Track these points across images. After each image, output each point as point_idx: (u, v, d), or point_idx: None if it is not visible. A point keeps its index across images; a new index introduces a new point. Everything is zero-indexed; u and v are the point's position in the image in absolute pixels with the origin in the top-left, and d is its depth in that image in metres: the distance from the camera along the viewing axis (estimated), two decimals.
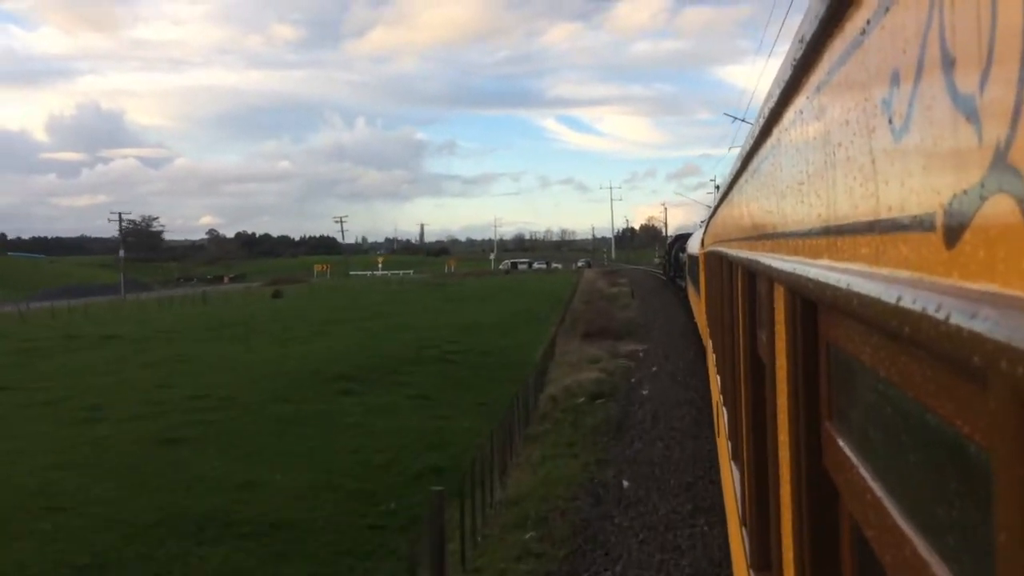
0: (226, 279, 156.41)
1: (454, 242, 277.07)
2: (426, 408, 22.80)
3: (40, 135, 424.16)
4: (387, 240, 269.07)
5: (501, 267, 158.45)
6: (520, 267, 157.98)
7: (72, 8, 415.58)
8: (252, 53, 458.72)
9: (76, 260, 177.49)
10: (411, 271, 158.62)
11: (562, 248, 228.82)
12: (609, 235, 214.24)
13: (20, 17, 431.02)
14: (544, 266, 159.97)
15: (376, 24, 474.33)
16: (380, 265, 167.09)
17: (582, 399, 21.19)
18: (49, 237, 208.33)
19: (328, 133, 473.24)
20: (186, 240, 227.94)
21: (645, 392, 22.26)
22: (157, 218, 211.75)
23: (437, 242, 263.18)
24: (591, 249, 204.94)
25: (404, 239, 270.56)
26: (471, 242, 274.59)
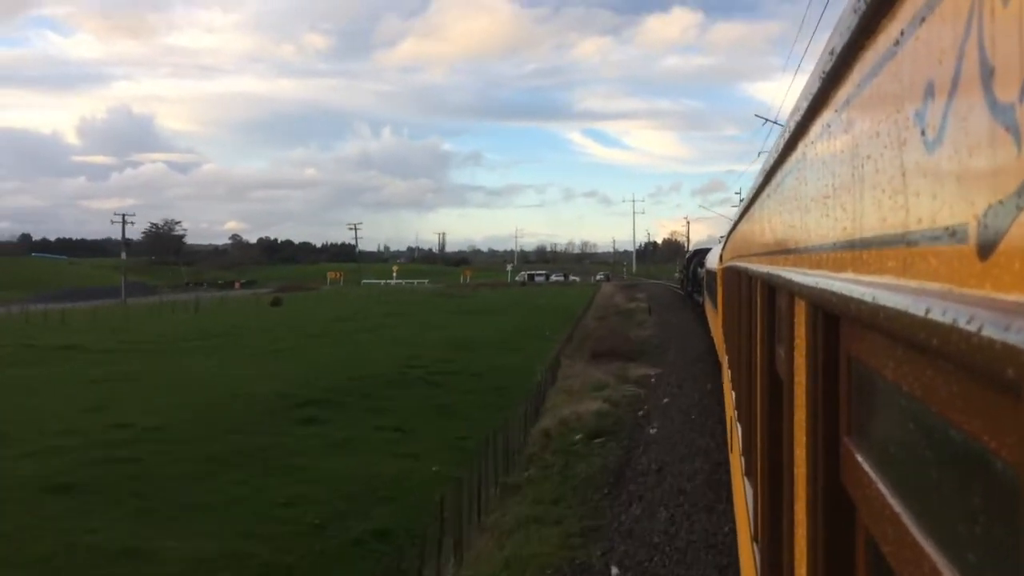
0: (237, 284, 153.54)
1: (475, 252, 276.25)
2: (395, 443, 19.72)
3: (72, 138, 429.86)
4: (408, 249, 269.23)
5: (517, 279, 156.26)
6: (537, 279, 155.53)
7: (108, 15, 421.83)
8: (282, 61, 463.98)
9: (98, 262, 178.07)
10: (426, 280, 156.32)
11: (583, 261, 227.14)
12: (632, 248, 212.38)
13: (57, 23, 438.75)
14: (562, 278, 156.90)
15: (407, 35, 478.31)
16: (395, 274, 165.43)
17: (579, 436, 18.68)
18: (75, 239, 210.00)
19: (355, 142, 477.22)
20: (210, 244, 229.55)
21: (653, 431, 19.34)
22: (179, 222, 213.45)
23: (457, 252, 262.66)
24: (611, 263, 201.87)
25: (426, 248, 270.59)
26: (492, 253, 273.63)
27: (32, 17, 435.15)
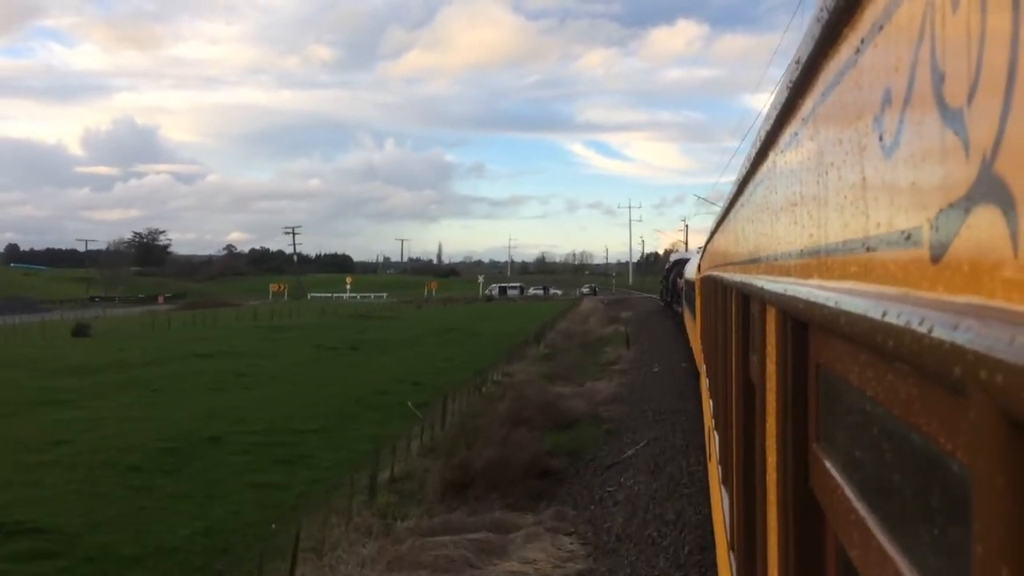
0: (161, 299, 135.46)
1: (474, 263, 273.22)
2: None
3: (76, 149, 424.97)
4: (410, 260, 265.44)
5: (489, 292, 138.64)
6: (510, 293, 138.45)
7: (114, 26, 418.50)
8: (285, 73, 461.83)
9: (66, 273, 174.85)
10: (384, 294, 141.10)
11: (582, 271, 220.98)
12: (633, 259, 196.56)
13: (61, 34, 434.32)
14: (541, 292, 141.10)
15: (412, 47, 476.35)
16: (348, 287, 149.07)
17: None
18: (63, 249, 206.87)
19: (358, 153, 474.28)
20: (207, 255, 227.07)
21: None
22: (164, 231, 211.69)
23: (448, 263, 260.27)
24: (611, 274, 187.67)
25: (427, 259, 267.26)
26: (493, 264, 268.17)
27: (36, 28, 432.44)
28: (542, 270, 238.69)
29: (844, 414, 1.52)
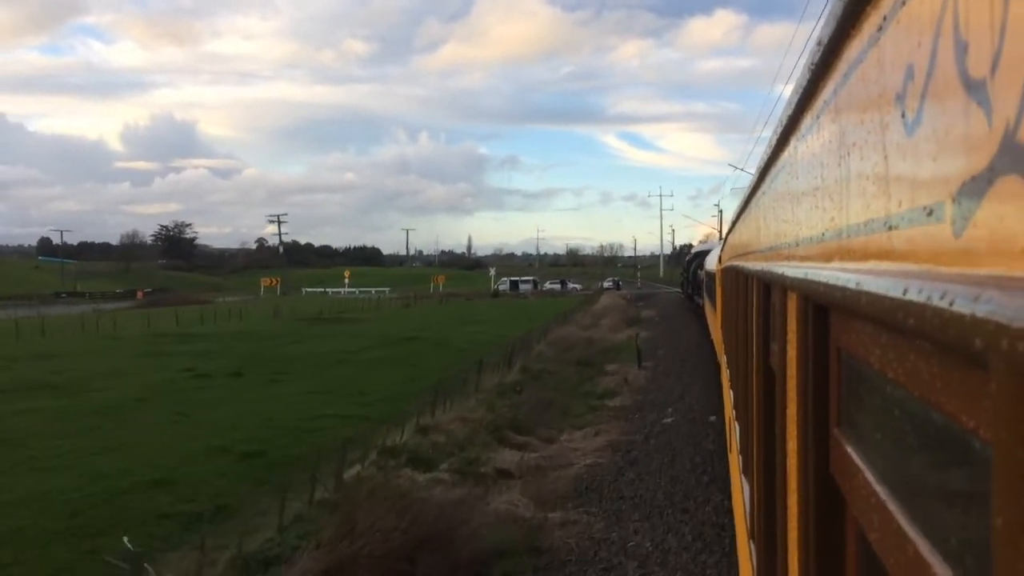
0: (140, 294, 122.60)
1: (505, 255, 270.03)
2: None
3: (115, 145, 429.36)
4: (442, 252, 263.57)
5: (497, 286, 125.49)
6: (522, 288, 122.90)
7: (153, 23, 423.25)
8: (320, 67, 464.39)
9: (90, 267, 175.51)
10: (387, 289, 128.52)
11: (613, 264, 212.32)
12: (665, 251, 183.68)
13: (101, 31, 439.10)
14: (558, 287, 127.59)
15: (448, 40, 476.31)
16: (347, 281, 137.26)
17: None
18: (95, 243, 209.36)
19: (392, 147, 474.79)
20: (240, 248, 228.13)
21: None
22: (190, 224, 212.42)
23: (477, 256, 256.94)
24: (634, 266, 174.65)
25: (459, 252, 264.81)
26: (526, 256, 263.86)
27: (77, 25, 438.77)
28: (573, 263, 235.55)
29: (865, 397, 1.51)
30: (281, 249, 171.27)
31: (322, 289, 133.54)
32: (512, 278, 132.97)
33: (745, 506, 4.80)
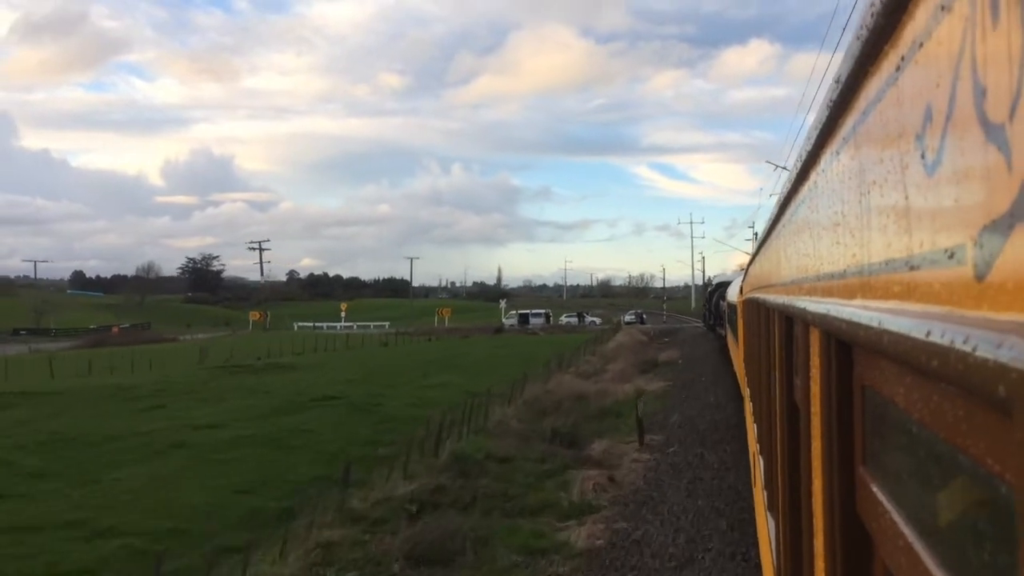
0: (115, 329, 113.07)
1: (537, 287, 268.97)
2: None
3: (156, 179, 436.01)
4: (473, 284, 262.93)
5: (505, 320, 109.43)
6: (533, 322, 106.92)
7: (193, 60, 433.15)
8: (353, 102, 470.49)
9: (108, 300, 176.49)
10: (386, 324, 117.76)
11: (646, 295, 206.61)
12: (699, 281, 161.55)
13: (143, 69, 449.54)
14: (574, 320, 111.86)
15: (481, 73, 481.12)
16: (343, 314, 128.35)
17: None
18: (127, 276, 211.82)
19: (425, 178, 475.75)
20: (274, 279, 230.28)
21: None
22: (217, 256, 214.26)
23: (506, 287, 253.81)
24: (668, 297, 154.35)
25: (491, 284, 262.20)
26: (558, 287, 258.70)
27: (119, 63, 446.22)
28: (603, 294, 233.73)
29: (890, 436, 1.49)
30: (263, 279, 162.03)
31: (312, 324, 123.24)
32: (522, 311, 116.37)
33: (771, 544, 4.73)
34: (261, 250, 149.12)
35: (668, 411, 27.46)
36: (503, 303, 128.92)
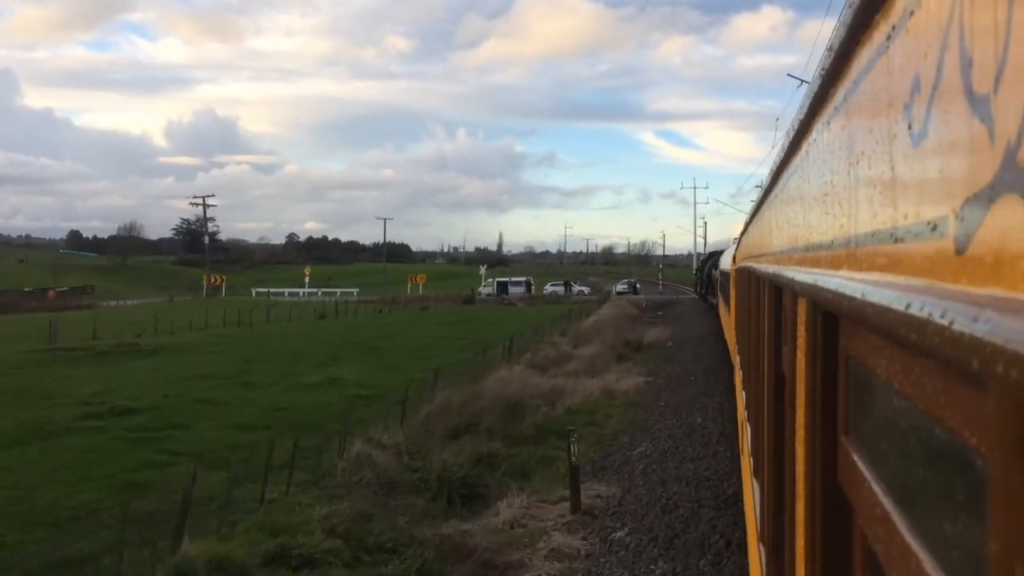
0: (52, 293, 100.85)
1: (540, 253, 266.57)
2: None
3: (159, 140, 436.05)
4: (476, 249, 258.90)
5: (482, 289, 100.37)
6: (512, 291, 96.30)
7: (197, 19, 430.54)
8: (358, 64, 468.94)
9: (98, 260, 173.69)
10: (355, 291, 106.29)
11: (648, 262, 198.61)
12: (700, 249, 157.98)
13: (146, 28, 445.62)
14: (560, 289, 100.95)
15: (489, 36, 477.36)
16: (307, 279, 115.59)
17: None
18: (125, 236, 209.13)
19: (430, 143, 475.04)
20: (266, 242, 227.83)
21: None
22: (212, 219, 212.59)
23: (510, 253, 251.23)
24: (663, 265, 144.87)
25: (493, 250, 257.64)
26: (560, 254, 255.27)
27: (122, 22, 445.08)
28: (607, 261, 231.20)
29: (872, 408, 1.50)
30: (207, 240, 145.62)
31: (267, 291, 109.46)
32: (500, 279, 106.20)
33: (755, 509, 4.78)
34: (205, 206, 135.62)
35: (636, 431, 18.73)
36: (483, 269, 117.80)
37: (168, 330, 48.17)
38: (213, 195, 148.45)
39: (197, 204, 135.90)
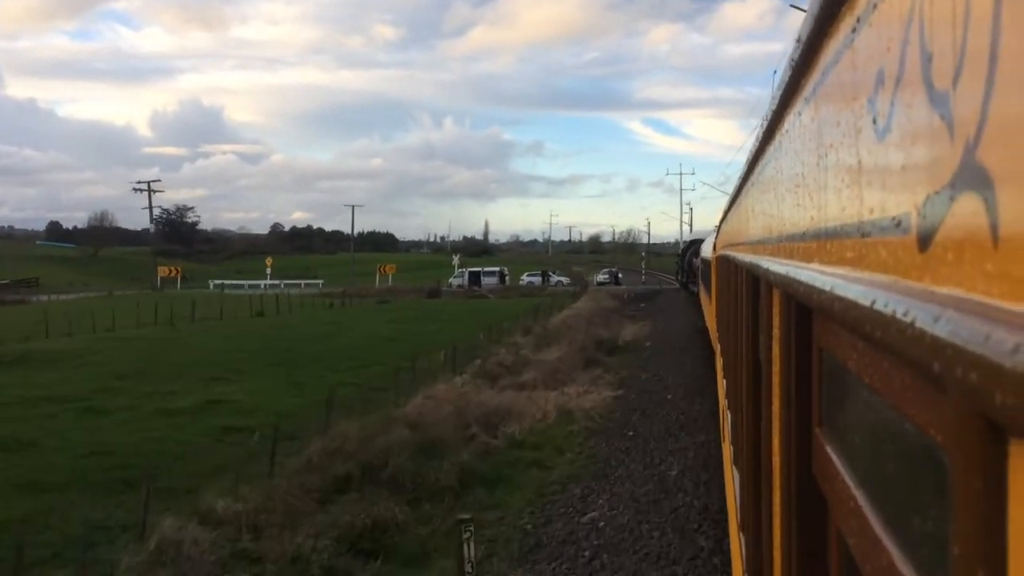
0: None
1: (527, 242, 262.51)
2: None
3: (144, 130, 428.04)
4: (463, 238, 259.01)
5: (452, 280, 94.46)
6: (485, 281, 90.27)
7: (181, 7, 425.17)
8: (344, 53, 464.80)
9: (71, 252, 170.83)
10: (320, 282, 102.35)
11: (635, 251, 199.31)
12: (687, 236, 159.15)
13: (129, 17, 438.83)
14: (537, 280, 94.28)
15: (476, 23, 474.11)
16: (269, 270, 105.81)
17: None
18: (106, 227, 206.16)
19: (417, 132, 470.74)
20: (253, 233, 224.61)
21: None
22: (192, 208, 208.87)
23: (497, 242, 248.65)
24: (649, 253, 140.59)
25: (480, 239, 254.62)
26: (547, 242, 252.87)
27: (105, 11, 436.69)
28: (594, 249, 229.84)
29: (845, 401, 1.50)
30: (152, 228, 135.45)
31: (222, 283, 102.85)
32: (472, 269, 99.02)
33: (736, 497, 4.81)
34: (151, 192, 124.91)
35: (592, 479, 14.37)
36: (456, 259, 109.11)
37: (66, 331, 41.06)
38: (159, 180, 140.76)
39: (141, 190, 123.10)
